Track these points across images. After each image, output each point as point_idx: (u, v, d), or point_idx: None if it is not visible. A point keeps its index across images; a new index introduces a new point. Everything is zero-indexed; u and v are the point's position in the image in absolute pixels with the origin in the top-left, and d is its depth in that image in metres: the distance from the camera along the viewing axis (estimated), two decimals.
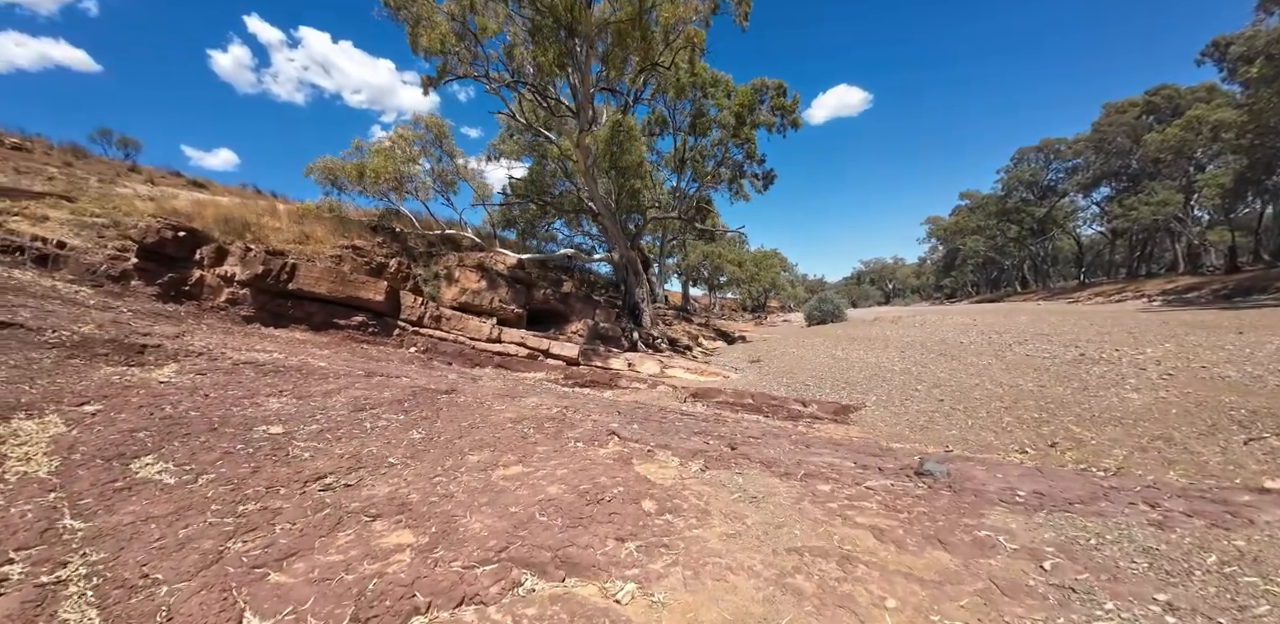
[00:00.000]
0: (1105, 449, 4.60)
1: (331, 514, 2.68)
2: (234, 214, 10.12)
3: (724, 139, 20.86)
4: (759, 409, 6.54)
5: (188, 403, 4.46)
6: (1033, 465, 3.96)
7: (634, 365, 10.46)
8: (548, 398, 5.76)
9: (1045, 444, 4.88)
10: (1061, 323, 13.35)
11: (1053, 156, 46.37)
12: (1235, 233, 33.72)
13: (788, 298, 59.93)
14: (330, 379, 5.70)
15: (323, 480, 3.14)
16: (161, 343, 6.03)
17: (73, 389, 4.34)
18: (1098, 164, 41.16)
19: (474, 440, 3.95)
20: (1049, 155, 46.64)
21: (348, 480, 3.18)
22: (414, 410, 4.77)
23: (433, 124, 13.13)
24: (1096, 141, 39.93)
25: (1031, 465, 3.96)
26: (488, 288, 11.92)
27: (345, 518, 2.64)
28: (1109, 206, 41.46)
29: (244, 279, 8.02)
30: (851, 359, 10.65)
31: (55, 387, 4.34)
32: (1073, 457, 4.53)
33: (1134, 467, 4.19)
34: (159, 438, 3.63)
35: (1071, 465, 4.25)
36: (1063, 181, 46.10)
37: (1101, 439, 4.81)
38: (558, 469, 3.28)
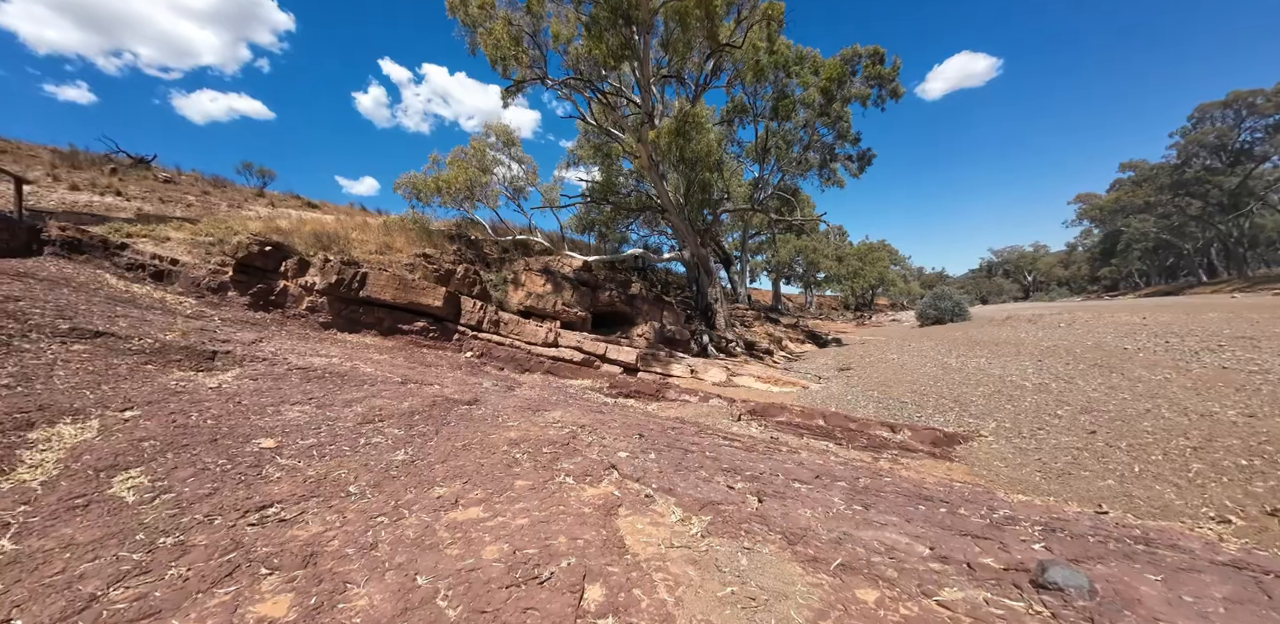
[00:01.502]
0: None
1: (233, 561, 2.28)
2: (328, 229, 11.01)
3: (810, 120, 18.98)
4: (830, 434, 5.35)
5: (215, 410, 4.52)
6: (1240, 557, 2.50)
7: (697, 372, 9.56)
8: (574, 412, 5.16)
9: (1261, 510, 3.21)
10: (1270, 322, 9.93)
11: (1246, 112, 36.34)
12: None
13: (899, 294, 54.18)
14: (364, 386, 5.64)
15: (263, 511, 2.80)
16: (233, 349, 6.45)
17: (127, 394, 4.59)
18: None
19: (454, 467, 3.45)
20: (1241, 111, 36.63)
21: (289, 513, 2.82)
22: (420, 424, 4.43)
23: (501, 132, 13.37)
24: None
25: (1238, 556, 2.50)
26: (552, 291, 11.76)
27: (242, 567, 2.22)
28: None
29: (321, 288, 8.54)
30: (968, 369, 8.74)
31: (115, 392, 4.62)
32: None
33: None
34: (158, 449, 3.60)
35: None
36: (1262, 143, 35.97)
37: None
38: (518, 517, 2.62)
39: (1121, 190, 47.36)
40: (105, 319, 6.21)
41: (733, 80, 19.35)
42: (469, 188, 12.16)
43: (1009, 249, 73.02)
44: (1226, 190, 37.36)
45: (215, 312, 7.83)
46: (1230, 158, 37.98)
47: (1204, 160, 39.05)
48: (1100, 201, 50.32)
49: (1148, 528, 3.04)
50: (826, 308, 50.76)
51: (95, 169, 12.07)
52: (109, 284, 7.55)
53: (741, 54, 17.95)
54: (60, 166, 11.31)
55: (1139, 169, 45.55)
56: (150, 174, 13.67)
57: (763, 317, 20.87)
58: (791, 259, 41.22)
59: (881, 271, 46.85)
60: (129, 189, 11.54)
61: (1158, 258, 53.07)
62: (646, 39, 11.57)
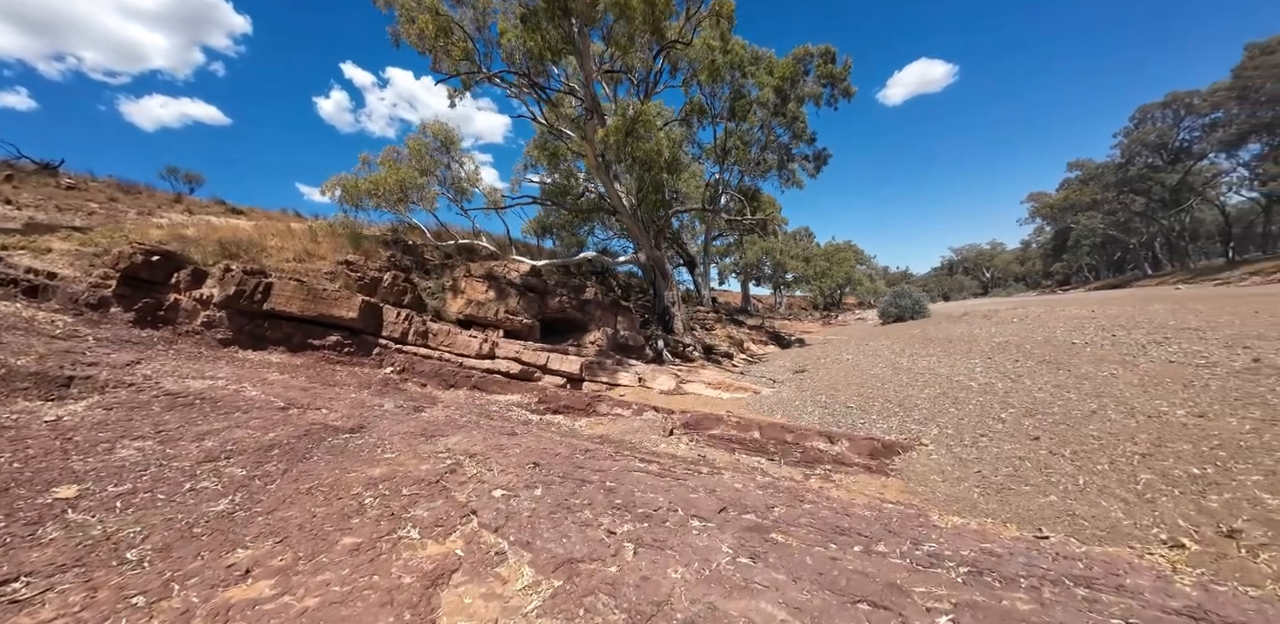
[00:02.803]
0: None
1: None
2: (242, 236, 10.11)
3: (766, 120, 18.84)
4: (763, 448, 4.89)
5: (34, 450, 3.76)
6: (1197, 600, 2.10)
7: (645, 380, 9.04)
8: (476, 437, 4.56)
9: (1217, 530, 2.85)
10: (1214, 312, 10.04)
11: (1184, 112, 38.32)
12: None
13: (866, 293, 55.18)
14: (234, 414, 4.91)
15: None
16: (97, 374, 5.61)
17: None
18: (1243, 117, 33.38)
19: (277, 520, 2.82)
20: (1179, 111, 38.61)
21: (30, 590, 2.15)
22: (272, 462, 3.76)
23: (439, 131, 12.65)
24: (1240, 89, 32.40)
25: (1195, 599, 2.10)
26: (495, 298, 11.09)
27: None
28: (1261, 166, 33.44)
29: (219, 301, 7.70)
30: (918, 369, 8.47)
31: None
32: (1273, 564, 2.50)
33: None
34: None
35: (1274, 587, 2.28)
36: (1199, 141, 37.98)
37: None
38: (309, 596, 2.02)
39: (1070, 189, 49.32)
40: None
41: (689, 80, 19.09)
42: (402, 190, 11.40)
43: (968, 247, 75.44)
44: (1168, 187, 39.19)
45: (93, 330, 6.92)
46: (1170, 156, 39.90)
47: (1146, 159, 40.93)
48: (1050, 200, 52.31)
49: (1092, 557, 2.64)
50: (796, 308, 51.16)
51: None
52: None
53: (696, 53, 17.68)
54: None
55: (1085, 168, 47.52)
56: (53, 181, 12.44)
57: (726, 319, 20.56)
58: (759, 260, 41.37)
59: (848, 271, 47.59)
60: (21, 197, 10.40)
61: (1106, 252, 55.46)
62: (587, 32, 11.09)
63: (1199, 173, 38.55)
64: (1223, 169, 38.20)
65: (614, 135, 11.83)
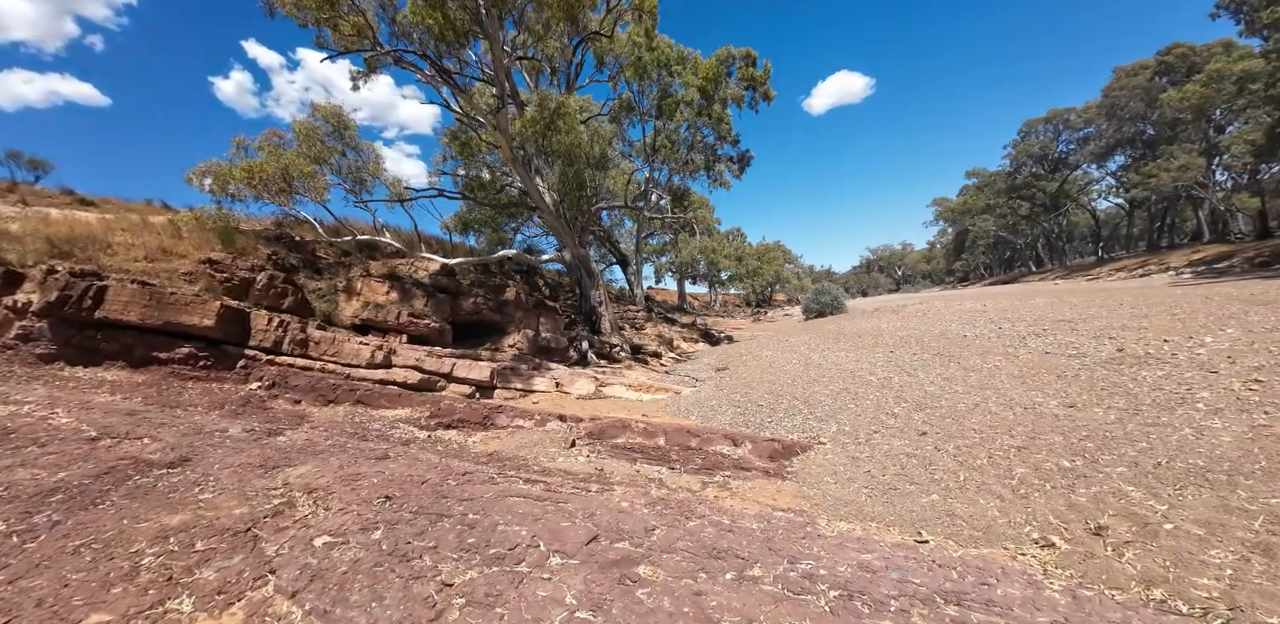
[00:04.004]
0: (1195, 548, 2.61)
1: None
2: (82, 231, 8.52)
3: (693, 120, 18.92)
4: (665, 456, 4.63)
5: None
6: (1065, 612, 2.02)
7: (562, 385, 8.60)
8: (330, 465, 3.92)
9: (1085, 527, 2.90)
10: (1085, 305, 11.18)
11: (1062, 127, 43.42)
12: (1265, 196, 30.70)
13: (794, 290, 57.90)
14: (26, 448, 3.93)
15: None
16: None
17: None
18: (1110, 132, 38.35)
19: (14, 592, 2.13)
20: (1058, 126, 43.70)
21: None
22: (50, 509, 2.97)
23: (330, 114, 11.40)
24: (1108, 108, 37.12)
25: (1064, 611, 2.03)
26: (399, 300, 10.16)
27: None
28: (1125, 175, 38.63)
29: (38, 308, 6.35)
30: (826, 364, 8.67)
31: None
32: (1136, 563, 2.54)
33: (1257, 597, 2.20)
34: None
35: (1138, 589, 2.29)
36: (1074, 153, 43.23)
37: (1182, 519, 2.82)
38: None
39: (968, 194, 54.37)
40: None
41: (616, 77, 18.76)
42: (285, 178, 10.13)
43: (883, 247, 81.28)
44: (1049, 193, 44.15)
45: None
46: (1051, 165, 44.96)
47: (1030, 168, 45.83)
48: (951, 204, 57.41)
49: (967, 563, 2.56)
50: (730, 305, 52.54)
51: None
52: None
53: (621, 49, 17.35)
54: None
55: (981, 176, 52.52)
56: None
57: (658, 317, 20.50)
58: (694, 259, 42.00)
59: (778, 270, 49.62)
60: None
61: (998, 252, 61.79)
62: (498, 14, 10.39)
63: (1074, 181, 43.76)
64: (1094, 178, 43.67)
65: (531, 127, 11.24)
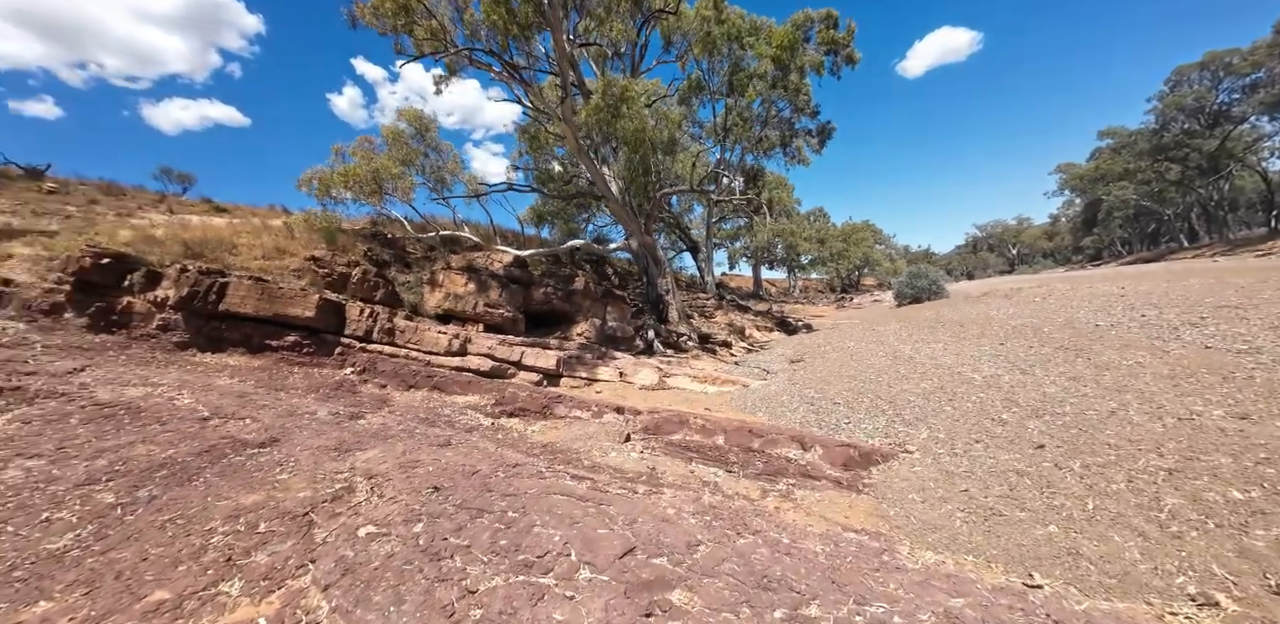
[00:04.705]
0: None
1: None
2: (212, 235, 9.80)
3: (766, 94, 17.77)
4: (724, 457, 4.32)
5: None
6: None
7: (626, 375, 8.51)
8: (395, 450, 4.10)
9: (1262, 584, 2.20)
10: (1257, 286, 8.96)
11: (1223, 73, 35.14)
12: None
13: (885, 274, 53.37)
14: (150, 426, 4.54)
15: None
16: (29, 384, 5.32)
17: None
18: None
19: (104, 563, 2.39)
20: (1218, 72, 35.43)
21: None
22: (153, 484, 3.35)
23: (413, 117, 12.09)
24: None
25: None
26: (475, 291, 10.65)
27: None
28: None
29: (174, 303, 7.39)
30: (919, 358, 7.75)
31: None
32: None
33: None
34: None
35: None
36: (1239, 103, 34.86)
37: None
38: None
39: (1101, 158, 46.45)
40: None
41: (684, 55, 18.12)
42: (376, 180, 10.93)
43: (993, 223, 72.28)
44: (1205, 153, 36.41)
45: (43, 337, 6.67)
46: (1208, 120, 36.99)
47: (1182, 124, 38.03)
48: (1080, 170, 49.40)
49: (1094, 619, 2.03)
50: (812, 291, 49.98)
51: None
52: None
53: (689, 25, 16.68)
54: None
55: (1117, 136, 44.58)
56: (36, 185, 12.35)
57: (730, 305, 19.83)
58: (770, 243, 40.16)
59: (866, 252, 46.06)
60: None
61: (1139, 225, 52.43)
62: (560, 3, 10.31)
63: (1239, 138, 35.65)
64: (1265, 133, 35.23)
65: (595, 115, 11.12)
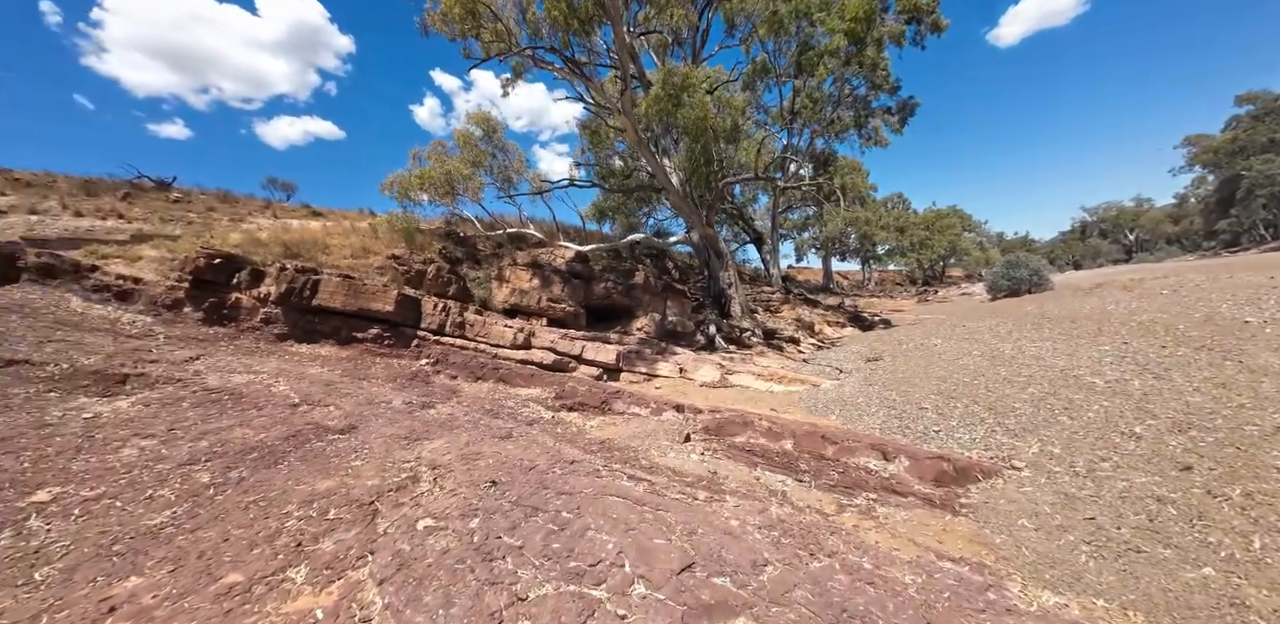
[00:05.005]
0: None
1: None
2: (308, 237, 10.72)
3: (839, 72, 16.60)
4: (794, 464, 4.00)
5: (54, 449, 3.93)
6: None
7: (686, 371, 8.29)
8: (459, 441, 4.18)
9: None
10: None
11: None
12: None
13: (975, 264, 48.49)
14: (247, 411, 4.98)
15: None
16: (151, 370, 6.04)
17: None
18: None
19: (191, 542, 2.58)
20: None
21: None
22: (243, 466, 3.63)
23: (481, 120, 12.51)
24: None
25: None
26: (539, 286, 10.89)
27: None
28: None
29: (274, 298, 8.14)
30: (1023, 358, 6.87)
31: None
32: None
33: None
34: None
35: None
36: None
37: None
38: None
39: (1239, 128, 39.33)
40: (33, 345, 5.96)
41: (748, 38, 17.41)
42: (448, 182, 11.44)
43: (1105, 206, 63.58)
44: None
45: (165, 329, 7.58)
46: None
47: None
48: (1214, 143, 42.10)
49: None
50: (889, 284, 46.87)
51: (110, 195, 12.57)
52: (68, 307, 7.47)
53: (752, 5, 15.97)
54: (76, 195, 11.82)
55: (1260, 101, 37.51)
56: (164, 195, 14.18)
57: (797, 299, 18.92)
58: (841, 233, 37.92)
59: (952, 240, 42.24)
60: (133, 211, 11.90)
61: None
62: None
63: None
64: None
65: (655, 105, 10.91)
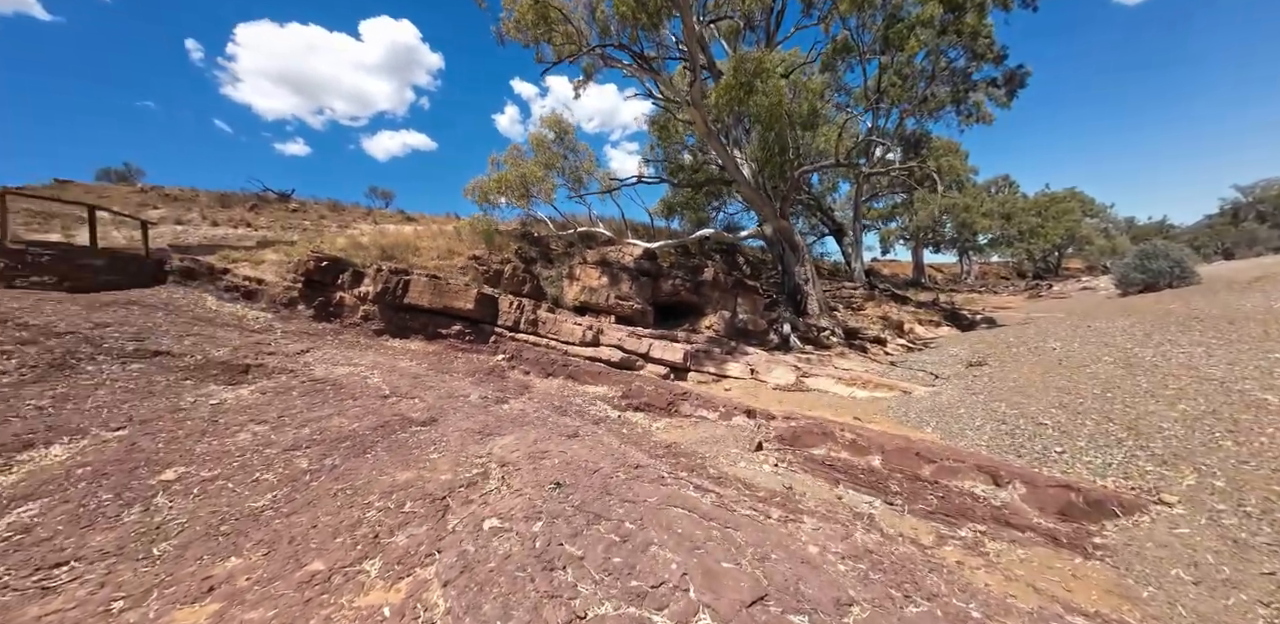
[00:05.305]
0: None
1: None
2: (402, 240, 11.59)
3: (933, 43, 15.04)
4: (882, 484, 3.58)
5: (184, 431, 4.48)
6: None
7: (757, 372, 7.89)
8: (528, 437, 4.22)
9: None
10: None
11: None
12: None
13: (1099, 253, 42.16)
14: (345, 401, 5.40)
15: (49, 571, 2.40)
16: (268, 362, 6.75)
17: (133, 414, 4.81)
18: None
19: (286, 525, 2.77)
20: None
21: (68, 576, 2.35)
22: (337, 454, 3.90)
23: (553, 123, 12.78)
24: None
25: None
26: (608, 284, 10.95)
27: None
28: None
29: (372, 297, 8.85)
30: (1167, 366, 5.76)
31: (127, 411, 4.88)
32: None
33: None
34: (80, 477, 3.49)
35: None
36: None
37: None
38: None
39: None
40: (174, 338, 6.91)
41: (828, 16, 16.33)
42: (523, 184, 11.82)
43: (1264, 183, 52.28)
44: None
45: (283, 325, 8.49)
46: None
47: None
48: None
49: None
50: (993, 277, 42.42)
51: (240, 206, 14.46)
52: (205, 305, 8.62)
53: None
54: (213, 207, 13.72)
55: None
56: (285, 206, 16.06)
57: (883, 295, 17.52)
58: (935, 221, 34.69)
59: (1070, 227, 37.12)
60: (259, 220, 13.58)
61: None
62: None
63: None
64: None
65: (725, 94, 10.51)
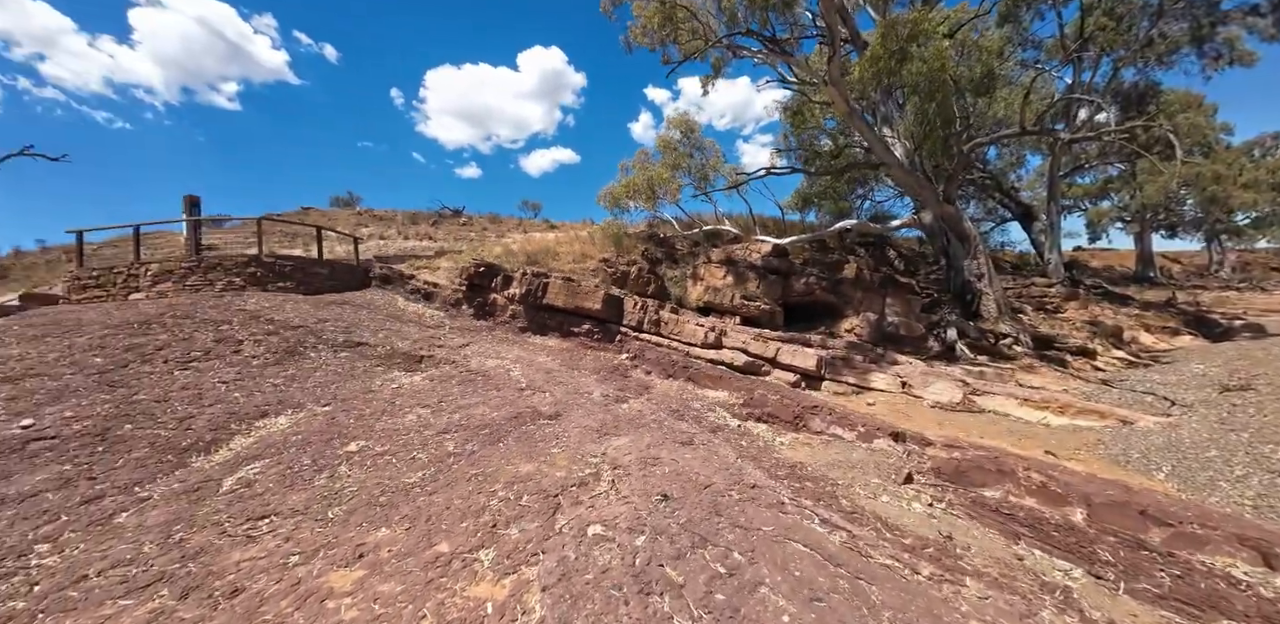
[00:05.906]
0: None
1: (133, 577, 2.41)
2: (544, 246, 12.71)
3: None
4: (1085, 548, 2.73)
5: (370, 410, 5.41)
6: None
7: (911, 386, 6.80)
8: (643, 441, 4.18)
9: None
10: None
11: None
12: None
13: None
14: (490, 391, 6.01)
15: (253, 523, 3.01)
16: (437, 354, 7.88)
17: (338, 393, 5.98)
18: None
19: (428, 503, 3.11)
20: None
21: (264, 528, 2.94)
22: (476, 440, 4.31)
23: (678, 122, 12.76)
24: None
25: None
26: (733, 283, 10.56)
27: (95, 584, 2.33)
28: None
29: (518, 298, 9.81)
30: None
31: (334, 391, 6.06)
32: None
33: None
34: (292, 444, 4.39)
35: None
36: None
37: None
38: (363, 604, 2.01)
39: None
40: (371, 332, 8.45)
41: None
42: (650, 187, 12.03)
43: None
44: None
45: (450, 321, 9.85)
46: None
47: None
48: None
49: None
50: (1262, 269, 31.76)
51: (425, 223, 17.26)
52: (396, 305, 10.42)
53: None
54: (406, 224, 16.60)
55: None
56: (457, 221, 18.75)
57: (1090, 294, 14.00)
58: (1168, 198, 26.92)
59: None
60: (438, 234, 16.06)
61: None
62: None
63: None
64: None
65: (870, 67, 9.38)
